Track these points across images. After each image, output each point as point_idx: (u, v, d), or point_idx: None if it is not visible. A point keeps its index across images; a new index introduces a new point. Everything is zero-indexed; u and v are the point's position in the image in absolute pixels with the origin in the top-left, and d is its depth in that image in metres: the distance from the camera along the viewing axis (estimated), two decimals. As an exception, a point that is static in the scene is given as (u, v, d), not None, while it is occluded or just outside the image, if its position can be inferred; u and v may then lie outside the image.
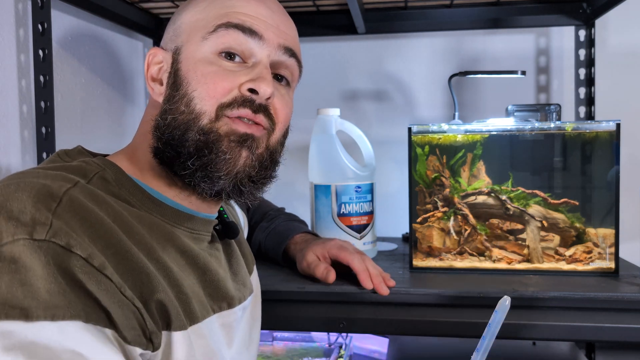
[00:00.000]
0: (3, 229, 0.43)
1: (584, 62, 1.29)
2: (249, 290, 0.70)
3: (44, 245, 0.43)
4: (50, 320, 0.41)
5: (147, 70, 0.62)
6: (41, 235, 0.43)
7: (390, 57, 1.45)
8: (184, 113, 0.57)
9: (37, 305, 0.41)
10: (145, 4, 1.24)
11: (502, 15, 1.28)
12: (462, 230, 0.95)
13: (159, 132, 0.58)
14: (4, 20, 0.96)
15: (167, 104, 0.59)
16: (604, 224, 0.92)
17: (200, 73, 0.57)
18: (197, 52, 0.58)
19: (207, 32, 0.58)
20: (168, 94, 0.59)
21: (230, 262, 0.69)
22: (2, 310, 0.40)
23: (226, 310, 0.62)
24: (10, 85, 0.97)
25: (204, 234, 0.63)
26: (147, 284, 0.49)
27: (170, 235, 0.57)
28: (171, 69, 0.60)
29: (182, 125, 0.57)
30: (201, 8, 0.60)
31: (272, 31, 0.59)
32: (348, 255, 0.86)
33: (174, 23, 0.62)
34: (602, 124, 0.91)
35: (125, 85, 1.37)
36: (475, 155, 0.94)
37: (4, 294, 0.41)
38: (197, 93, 0.57)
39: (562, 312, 0.81)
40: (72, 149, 0.61)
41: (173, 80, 0.59)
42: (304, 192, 1.15)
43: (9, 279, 0.41)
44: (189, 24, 0.60)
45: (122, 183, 0.56)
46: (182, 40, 0.60)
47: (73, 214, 0.46)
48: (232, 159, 0.57)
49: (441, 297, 0.83)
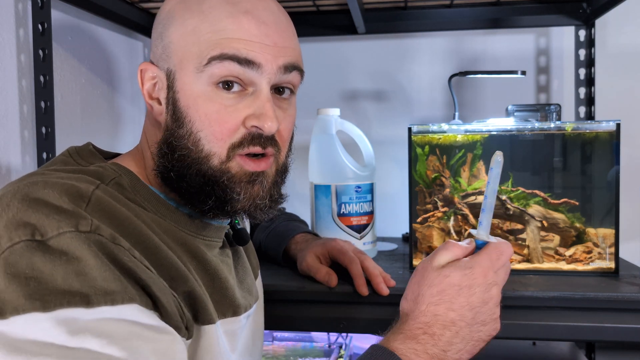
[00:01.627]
0: (46, 223, 0.44)
1: (584, 62, 1.29)
2: (255, 297, 0.70)
3: (91, 237, 0.45)
4: (110, 305, 0.43)
5: (142, 86, 0.60)
6: (86, 228, 0.45)
7: (390, 57, 1.45)
8: (193, 152, 0.56)
9: (96, 292, 0.43)
10: (145, 4, 1.24)
11: (502, 15, 1.28)
12: (462, 230, 0.95)
13: (167, 162, 0.57)
14: (4, 20, 0.96)
15: (172, 138, 0.57)
16: (604, 224, 0.92)
17: (203, 113, 0.56)
18: (194, 86, 0.56)
19: (201, 65, 0.55)
20: (170, 126, 0.57)
21: (237, 269, 0.69)
22: (64, 299, 0.42)
23: (230, 317, 0.62)
24: (10, 85, 0.97)
25: (216, 241, 0.63)
26: (176, 278, 0.52)
27: (183, 240, 0.57)
28: (167, 94, 0.58)
29: (193, 163, 0.56)
30: (190, 28, 0.56)
31: (270, 53, 0.56)
32: (347, 258, 0.85)
33: (161, 38, 0.59)
34: (602, 124, 0.91)
35: (126, 85, 1.37)
36: (475, 155, 0.94)
37: (61, 285, 0.42)
38: (203, 134, 0.56)
39: (562, 312, 0.81)
40: (83, 147, 0.61)
41: (172, 110, 0.57)
42: (304, 192, 1.15)
43: (63, 271, 0.43)
44: (179, 46, 0.57)
45: (137, 189, 0.56)
46: (174, 63, 0.57)
47: (102, 212, 0.48)
48: (246, 197, 0.58)
49: (441, 297, 0.83)
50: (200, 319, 0.54)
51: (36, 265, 0.42)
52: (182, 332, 0.50)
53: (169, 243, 0.54)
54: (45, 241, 0.44)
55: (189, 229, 0.59)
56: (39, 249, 0.43)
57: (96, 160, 0.59)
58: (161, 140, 0.58)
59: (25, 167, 1.00)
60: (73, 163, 0.58)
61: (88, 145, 0.61)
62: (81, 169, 0.55)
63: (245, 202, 0.58)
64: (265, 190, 0.59)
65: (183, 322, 0.51)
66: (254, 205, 0.59)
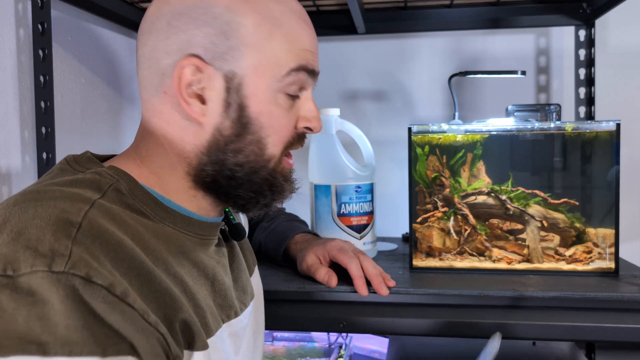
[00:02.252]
0: (21, 258, 0.42)
1: (584, 62, 1.29)
2: (250, 296, 0.70)
3: (62, 278, 0.42)
4: (67, 356, 0.41)
5: (179, 80, 0.55)
6: (60, 267, 0.42)
7: (390, 57, 1.45)
8: (257, 155, 0.58)
9: (55, 341, 0.41)
10: (145, 4, 1.24)
11: (502, 15, 1.28)
12: (462, 230, 0.95)
13: (222, 168, 0.57)
14: (4, 20, 0.96)
15: (235, 143, 0.56)
16: (603, 224, 0.92)
17: (276, 120, 0.58)
18: (269, 93, 0.56)
19: (280, 74, 0.56)
20: (233, 130, 0.56)
21: (232, 267, 0.68)
22: (20, 346, 0.40)
23: (234, 319, 0.62)
24: (10, 85, 0.97)
25: (211, 238, 0.62)
26: (170, 305, 0.49)
27: (183, 246, 0.56)
28: (227, 96, 0.56)
29: (252, 166, 0.58)
30: (267, 34, 0.55)
31: (317, 62, 0.62)
32: (347, 258, 0.85)
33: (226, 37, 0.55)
34: (602, 124, 0.91)
35: (126, 85, 1.37)
36: (475, 155, 0.94)
37: (21, 328, 0.40)
38: (270, 139, 0.58)
39: (562, 312, 0.81)
40: (81, 156, 0.59)
41: (237, 115, 0.56)
42: (304, 192, 1.15)
43: (26, 313, 0.41)
44: (255, 51, 0.55)
45: (135, 194, 0.55)
46: (243, 67, 0.55)
47: (93, 239, 0.46)
48: (289, 193, 0.63)
49: (441, 297, 0.83)
50: (195, 345, 0.52)
51: (1, 304, 0.41)
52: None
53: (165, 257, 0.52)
54: (16, 278, 0.42)
55: (187, 229, 0.58)
56: (7, 286, 0.41)
57: (93, 165, 0.57)
58: (212, 145, 0.57)
59: (25, 167, 1.00)
60: (70, 170, 0.56)
61: (86, 153, 0.60)
62: (77, 178, 0.53)
63: (286, 196, 0.63)
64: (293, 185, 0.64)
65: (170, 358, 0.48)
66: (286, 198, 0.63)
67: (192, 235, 0.59)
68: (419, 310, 0.83)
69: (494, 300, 0.82)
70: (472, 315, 0.81)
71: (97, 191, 0.52)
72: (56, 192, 0.50)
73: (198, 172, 0.57)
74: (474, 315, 0.81)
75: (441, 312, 0.82)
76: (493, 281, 0.88)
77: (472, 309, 0.82)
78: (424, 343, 1.20)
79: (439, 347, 1.18)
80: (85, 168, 0.56)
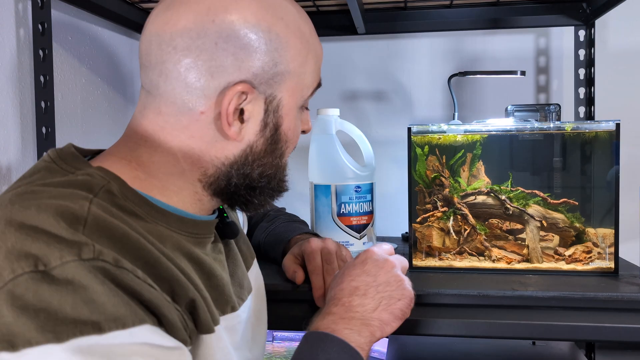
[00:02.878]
0: (48, 252, 0.44)
1: (583, 62, 1.29)
2: (247, 290, 0.70)
3: (94, 264, 0.45)
4: (121, 329, 0.44)
5: (228, 104, 0.55)
6: (89, 255, 0.45)
7: (390, 57, 1.45)
8: (276, 166, 0.62)
9: (107, 318, 0.43)
10: (145, 4, 1.24)
11: (502, 15, 1.28)
12: (462, 230, 0.95)
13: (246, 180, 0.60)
14: (4, 20, 0.96)
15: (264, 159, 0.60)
16: (603, 223, 0.92)
17: (296, 133, 0.63)
18: (295, 111, 0.61)
19: (307, 95, 0.62)
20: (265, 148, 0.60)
21: (228, 262, 0.68)
22: (76, 329, 0.42)
23: (230, 313, 0.62)
24: (10, 85, 0.97)
25: (207, 236, 0.62)
26: (176, 289, 0.52)
27: (177, 244, 0.57)
28: (268, 119, 0.59)
29: (271, 176, 0.62)
30: (303, 58, 0.60)
31: None
32: (311, 266, 0.83)
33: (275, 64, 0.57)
34: (602, 124, 0.91)
35: (125, 85, 1.37)
36: (474, 155, 0.94)
37: (71, 314, 0.42)
38: (288, 150, 0.63)
39: (562, 312, 0.81)
40: (65, 150, 0.57)
41: (272, 133, 0.60)
42: (304, 192, 1.15)
43: (72, 300, 0.43)
44: (295, 75, 0.59)
45: (126, 195, 0.55)
46: (283, 89, 0.59)
47: (100, 232, 0.47)
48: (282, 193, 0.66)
49: (441, 297, 0.83)
50: (200, 328, 0.55)
51: (43, 297, 0.42)
52: (187, 344, 0.52)
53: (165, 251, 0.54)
54: (49, 271, 0.43)
55: (181, 228, 0.58)
56: (44, 280, 0.43)
57: (80, 164, 0.56)
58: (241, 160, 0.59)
59: (26, 167, 1.00)
60: (58, 170, 0.55)
61: (70, 148, 0.58)
62: (69, 180, 0.53)
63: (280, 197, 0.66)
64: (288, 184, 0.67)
65: (187, 334, 0.52)
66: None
67: (186, 235, 0.59)
68: (418, 310, 0.83)
69: (493, 300, 0.82)
70: (471, 315, 0.81)
71: (90, 192, 0.52)
72: (52, 191, 0.50)
73: (215, 181, 0.59)
74: (473, 315, 0.81)
75: (441, 312, 0.82)
76: (492, 281, 0.88)
77: (472, 309, 0.82)
78: (424, 343, 1.20)
79: (439, 347, 1.18)
80: (73, 167, 0.55)
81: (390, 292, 0.67)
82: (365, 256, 0.69)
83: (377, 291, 0.65)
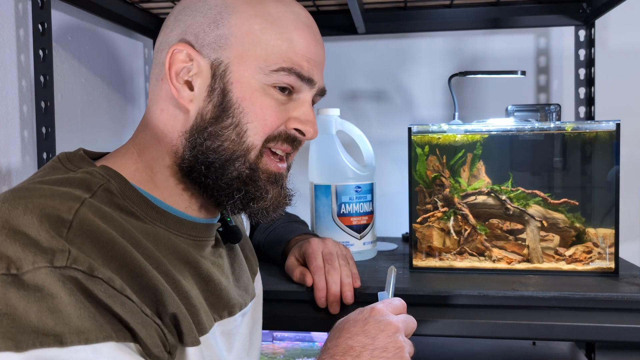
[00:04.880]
0: (22, 256, 0.43)
1: (584, 62, 1.29)
2: (251, 295, 0.70)
3: (66, 272, 0.43)
4: (84, 344, 0.42)
5: (169, 67, 0.57)
6: (62, 263, 0.43)
7: (390, 57, 1.45)
8: (234, 142, 0.57)
9: (70, 331, 0.42)
10: (145, 4, 1.24)
11: (502, 15, 1.28)
12: (462, 230, 0.95)
13: (198, 152, 0.57)
14: (4, 20, 0.96)
15: (212, 126, 0.57)
16: (603, 224, 0.92)
17: (259, 106, 0.57)
18: (253, 81, 0.57)
19: (268, 69, 0.57)
20: (213, 114, 0.57)
21: (233, 267, 0.68)
22: (37, 339, 0.41)
23: (227, 318, 0.62)
24: (10, 85, 0.97)
25: (207, 240, 0.62)
26: (161, 300, 0.50)
27: (174, 247, 0.56)
28: (213, 82, 0.57)
29: (230, 154, 0.57)
30: (257, 28, 0.57)
31: (319, 73, 0.62)
32: (313, 266, 0.83)
33: (217, 26, 0.57)
34: (602, 124, 0.91)
35: (125, 85, 1.37)
36: (475, 155, 0.94)
37: (35, 323, 0.41)
38: (252, 126, 0.57)
39: (562, 312, 0.81)
40: (74, 153, 0.59)
41: (220, 100, 0.57)
42: (304, 192, 1.15)
43: (37, 307, 0.42)
44: (242, 42, 0.57)
45: (126, 194, 0.55)
46: (229, 56, 0.57)
47: (85, 237, 0.46)
48: (272, 197, 0.60)
49: (441, 297, 0.83)
50: (185, 340, 0.53)
51: (10, 301, 0.41)
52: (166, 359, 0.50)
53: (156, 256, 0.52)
54: (20, 276, 0.42)
55: (180, 230, 0.58)
56: (13, 284, 0.42)
57: (85, 164, 0.57)
58: (193, 129, 0.57)
59: (26, 167, 1.00)
60: (62, 169, 0.56)
61: (79, 151, 0.59)
62: (68, 177, 0.53)
63: (269, 202, 0.60)
64: (285, 192, 0.62)
65: (166, 349, 0.50)
66: (274, 205, 0.61)
67: (185, 237, 0.58)
68: (419, 310, 0.83)
69: (494, 300, 0.82)
70: (472, 315, 0.81)
71: (87, 191, 0.52)
72: (46, 190, 0.50)
73: (182, 161, 0.58)
74: (473, 315, 0.81)
75: (441, 312, 0.82)
76: (493, 281, 0.88)
77: (472, 309, 0.82)
78: (424, 343, 1.20)
79: (439, 347, 1.18)
80: (77, 167, 0.56)
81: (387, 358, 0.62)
82: (369, 314, 0.64)
83: (372, 355, 0.60)
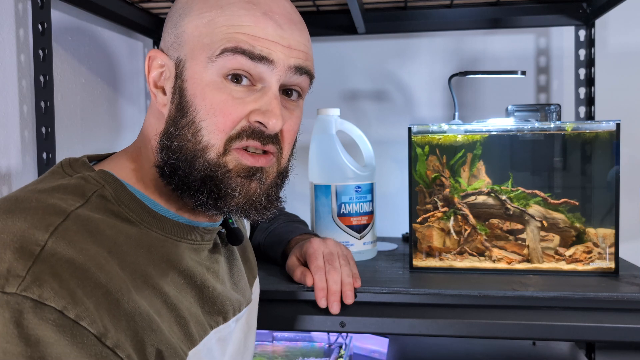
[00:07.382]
0: None
1: (584, 62, 1.29)
2: (247, 300, 0.69)
3: (11, 300, 0.41)
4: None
5: (148, 74, 0.59)
6: (12, 289, 0.41)
7: (390, 57, 1.45)
8: (190, 142, 0.55)
9: None
10: (145, 4, 1.24)
11: (502, 15, 1.28)
12: (462, 230, 0.95)
13: (165, 154, 0.56)
14: (4, 20, 0.96)
15: (172, 127, 0.56)
16: (603, 224, 0.92)
17: (209, 102, 0.55)
18: (204, 74, 0.55)
19: (214, 55, 0.54)
20: (173, 115, 0.56)
21: (231, 271, 0.68)
22: None
23: (222, 324, 0.61)
24: (10, 85, 0.97)
25: (204, 244, 0.61)
26: (141, 325, 0.48)
27: (168, 255, 0.55)
28: (175, 82, 0.57)
29: (189, 154, 0.55)
30: (206, 20, 0.56)
31: (283, 52, 0.56)
32: (314, 266, 0.82)
33: (175, 27, 0.58)
34: (602, 124, 0.91)
35: (125, 85, 1.37)
36: (475, 155, 0.94)
37: None
38: (205, 124, 0.55)
39: (562, 312, 0.81)
40: (78, 160, 0.58)
41: (178, 100, 0.56)
42: (304, 192, 1.15)
43: None
44: (192, 36, 0.56)
45: (121, 200, 0.54)
46: (185, 52, 0.56)
47: (58, 257, 0.44)
48: (242, 194, 0.56)
49: (441, 297, 0.83)
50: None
51: None
52: None
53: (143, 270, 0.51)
54: None
55: (176, 234, 0.57)
56: None
57: (84, 169, 0.56)
58: (162, 132, 0.57)
59: (26, 167, 1.00)
60: (60, 173, 0.55)
61: (82, 158, 0.59)
62: (61, 184, 0.52)
63: (241, 199, 0.56)
64: (263, 188, 0.58)
65: None
66: (249, 202, 0.57)
67: (181, 241, 0.58)
68: (419, 310, 0.83)
69: (493, 300, 0.82)
70: (472, 315, 0.81)
71: (81, 198, 0.51)
72: (32, 201, 0.48)
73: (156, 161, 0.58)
74: (473, 315, 0.81)
75: (441, 312, 0.82)
76: (493, 281, 0.88)
77: (472, 309, 0.82)
78: (424, 343, 1.20)
79: (439, 347, 1.18)
80: (75, 172, 0.55)
81: None
82: None
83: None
